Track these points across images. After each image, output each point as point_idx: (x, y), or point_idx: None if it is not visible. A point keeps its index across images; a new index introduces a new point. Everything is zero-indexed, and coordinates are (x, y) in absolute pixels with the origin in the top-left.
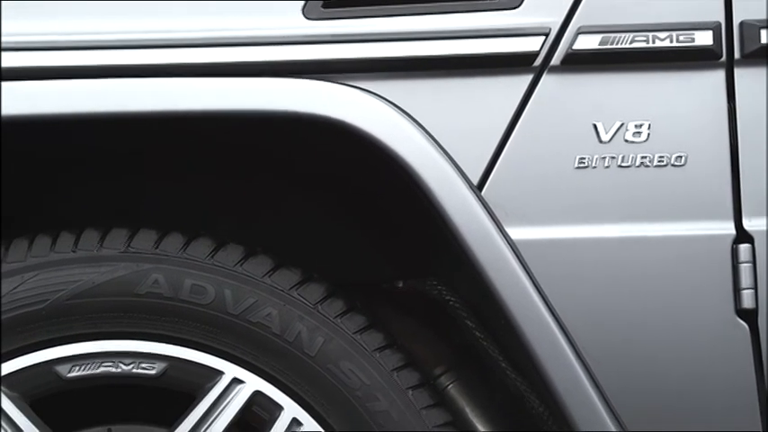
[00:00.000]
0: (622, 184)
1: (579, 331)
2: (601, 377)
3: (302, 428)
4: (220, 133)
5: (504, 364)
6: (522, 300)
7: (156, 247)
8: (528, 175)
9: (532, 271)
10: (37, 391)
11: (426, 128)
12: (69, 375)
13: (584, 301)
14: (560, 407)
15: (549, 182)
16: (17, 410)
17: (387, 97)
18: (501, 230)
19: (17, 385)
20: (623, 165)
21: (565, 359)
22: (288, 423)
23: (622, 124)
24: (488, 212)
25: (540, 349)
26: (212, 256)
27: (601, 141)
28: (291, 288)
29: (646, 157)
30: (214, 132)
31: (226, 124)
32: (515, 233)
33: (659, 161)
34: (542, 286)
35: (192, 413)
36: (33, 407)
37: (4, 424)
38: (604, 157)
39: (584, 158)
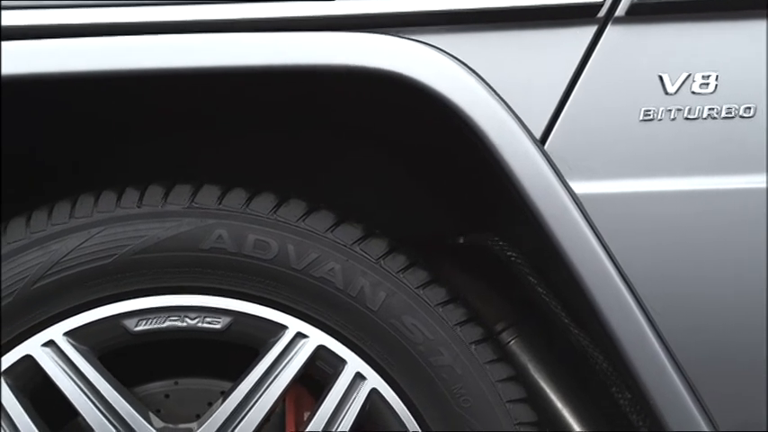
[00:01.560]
0: (689, 136)
1: (643, 285)
2: (665, 330)
3: (366, 383)
4: (278, 89)
5: (566, 320)
6: (586, 254)
7: (220, 203)
8: (592, 128)
9: (596, 225)
10: (105, 345)
11: (488, 81)
12: (136, 329)
13: (649, 254)
14: (624, 361)
15: (614, 135)
16: (86, 363)
17: (448, 51)
18: (564, 184)
19: (86, 339)
20: (690, 117)
21: (629, 313)
22: (351, 377)
23: (689, 75)
24: (551, 166)
25: (603, 304)
26: (275, 212)
27: (667, 93)
28: (354, 243)
29: (713, 109)
30: (272, 88)
31: (285, 79)
32: (579, 187)
33: (727, 113)
34: (606, 240)
35: (256, 367)
36: (102, 361)
37: (74, 377)
38: (670, 110)
39: (649, 111)
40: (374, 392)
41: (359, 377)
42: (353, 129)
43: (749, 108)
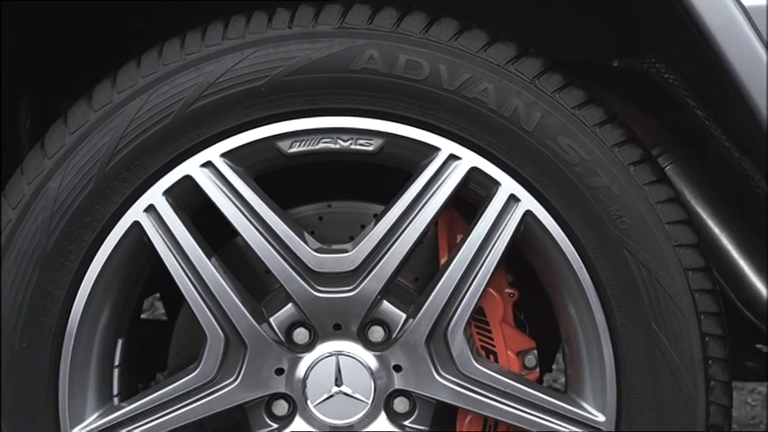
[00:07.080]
0: None
1: None
2: None
3: (520, 204)
4: None
5: (727, 144)
6: (755, 69)
7: (371, 23)
8: None
9: (766, 37)
10: (261, 167)
11: None
12: (290, 151)
13: None
14: None
15: None
16: (243, 184)
17: None
18: None
19: (242, 160)
20: None
21: None
22: (505, 199)
23: None
24: None
25: None
26: (426, 31)
27: None
28: (507, 63)
29: None
30: None
31: None
32: None
33: None
34: None
35: (409, 190)
36: (258, 183)
37: (232, 197)
38: None
39: None
40: (528, 214)
41: (513, 199)
42: None
43: None
